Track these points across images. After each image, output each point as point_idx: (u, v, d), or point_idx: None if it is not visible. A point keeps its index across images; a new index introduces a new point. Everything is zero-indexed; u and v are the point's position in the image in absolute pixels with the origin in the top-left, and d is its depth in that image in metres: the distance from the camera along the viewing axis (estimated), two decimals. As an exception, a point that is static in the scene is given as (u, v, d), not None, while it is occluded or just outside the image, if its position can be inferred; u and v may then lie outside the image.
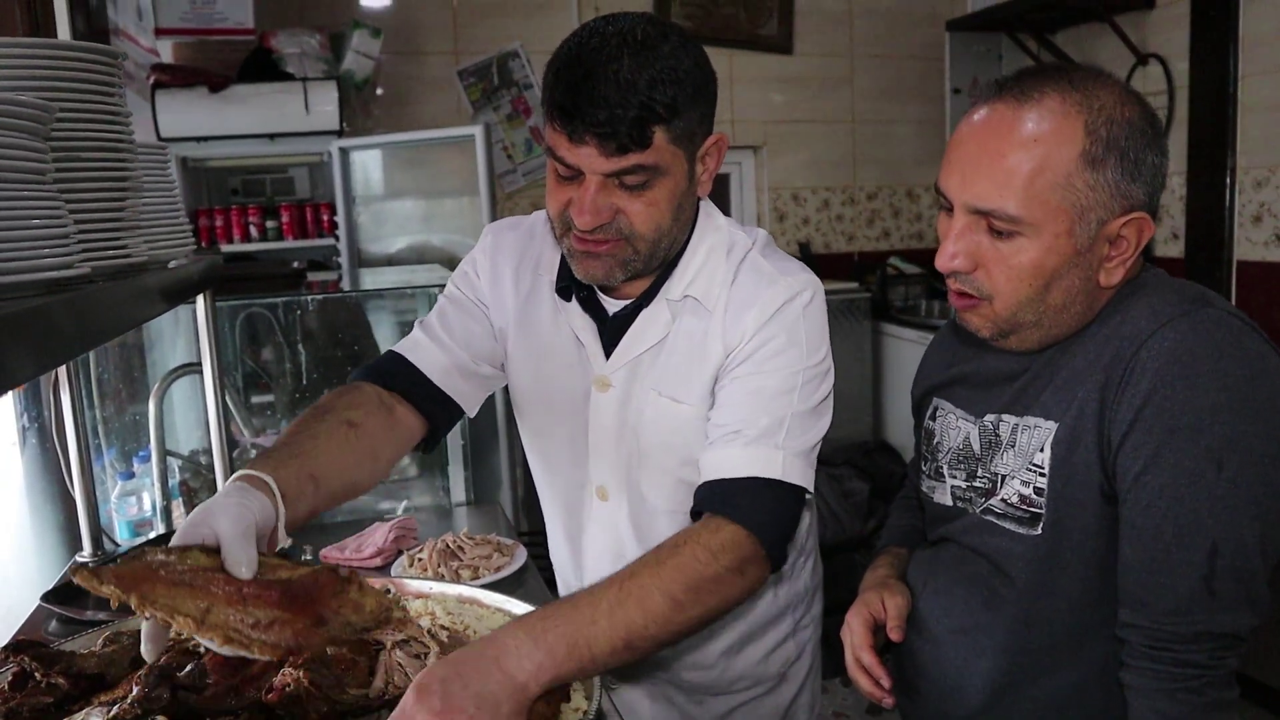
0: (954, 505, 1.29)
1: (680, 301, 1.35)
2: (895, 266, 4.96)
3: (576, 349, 1.41)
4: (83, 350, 1.15)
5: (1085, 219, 1.10)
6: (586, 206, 1.20)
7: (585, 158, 1.18)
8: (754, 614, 1.51)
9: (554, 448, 1.48)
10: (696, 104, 1.21)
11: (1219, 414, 1.03)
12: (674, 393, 1.35)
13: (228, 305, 2.43)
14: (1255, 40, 3.58)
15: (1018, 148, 1.09)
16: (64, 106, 1.05)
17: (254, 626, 0.95)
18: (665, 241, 1.28)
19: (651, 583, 1.12)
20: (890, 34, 5.07)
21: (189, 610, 0.93)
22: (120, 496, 2.13)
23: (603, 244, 1.25)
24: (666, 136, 1.18)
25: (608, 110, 1.14)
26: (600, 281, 1.31)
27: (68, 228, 0.94)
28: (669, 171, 1.22)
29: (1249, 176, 3.67)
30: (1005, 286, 1.14)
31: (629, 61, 1.14)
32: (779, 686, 1.58)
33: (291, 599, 0.98)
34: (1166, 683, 1.07)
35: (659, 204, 1.23)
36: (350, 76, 4.11)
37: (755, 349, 1.30)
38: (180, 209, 1.55)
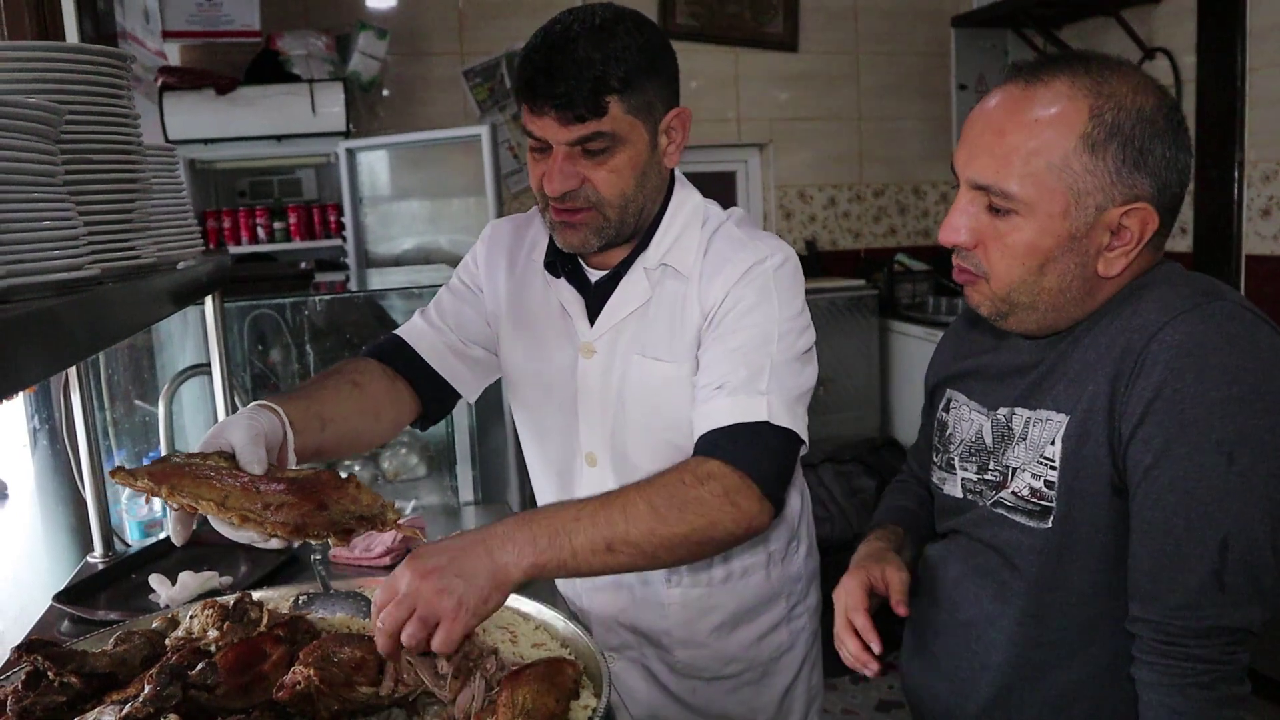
0: (964, 498, 1.29)
1: (657, 269, 1.44)
2: (902, 263, 4.96)
3: (564, 321, 1.50)
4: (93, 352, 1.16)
5: (1082, 203, 1.10)
6: (554, 174, 1.33)
7: (548, 128, 1.31)
8: (747, 592, 1.55)
9: (546, 419, 1.55)
10: (651, 78, 1.33)
11: (1230, 407, 1.03)
12: (656, 353, 1.43)
13: (236, 306, 2.44)
14: (1263, 33, 3.57)
15: (1020, 127, 1.11)
16: (73, 109, 1.06)
17: (265, 508, 1.07)
18: (633, 208, 1.39)
19: (635, 494, 1.21)
20: (896, 31, 5.06)
21: (210, 496, 1.06)
22: (130, 497, 2.14)
23: (576, 213, 1.37)
24: (622, 107, 1.31)
25: (564, 84, 1.27)
26: (578, 249, 1.42)
27: (77, 229, 0.95)
28: (628, 140, 1.33)
29: (1257, 170, 3.65)
30: (1000, 265, 1.16)
31: (585, 42, 1.28)
32: (771, 676, 1.60)
33: (298, 488, 1.11)
34: (1177, 678, 1.06)
35: (621, 171, 1.35)
36: (357, 77, 4.12)
37: (729, 309, 1.37)
38: (189, 210, 1.55)
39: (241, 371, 2.54)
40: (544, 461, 1.59)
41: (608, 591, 1.56)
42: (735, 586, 1.54)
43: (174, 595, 1.59)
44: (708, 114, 4.86)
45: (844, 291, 4.55)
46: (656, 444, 1.45)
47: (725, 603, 1.54)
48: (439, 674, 1.09)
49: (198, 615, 1.23)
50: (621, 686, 1.59)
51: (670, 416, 1.43)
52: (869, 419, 4.59)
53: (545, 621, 1.28)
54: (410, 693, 1.10)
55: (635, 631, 1.57)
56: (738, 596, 1.55)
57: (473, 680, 1.09)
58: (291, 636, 1.18)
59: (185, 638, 1.19)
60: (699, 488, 1.22)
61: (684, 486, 1.22)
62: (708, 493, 1.22)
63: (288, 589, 1.40)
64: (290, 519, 1.07)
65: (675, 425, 1.41)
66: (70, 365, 1.69)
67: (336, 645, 1.12)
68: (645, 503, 1.19)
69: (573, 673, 1.12)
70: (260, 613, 1.23)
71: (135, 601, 1.65)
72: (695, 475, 1.23)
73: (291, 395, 1.34)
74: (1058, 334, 1.20)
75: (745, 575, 1.54)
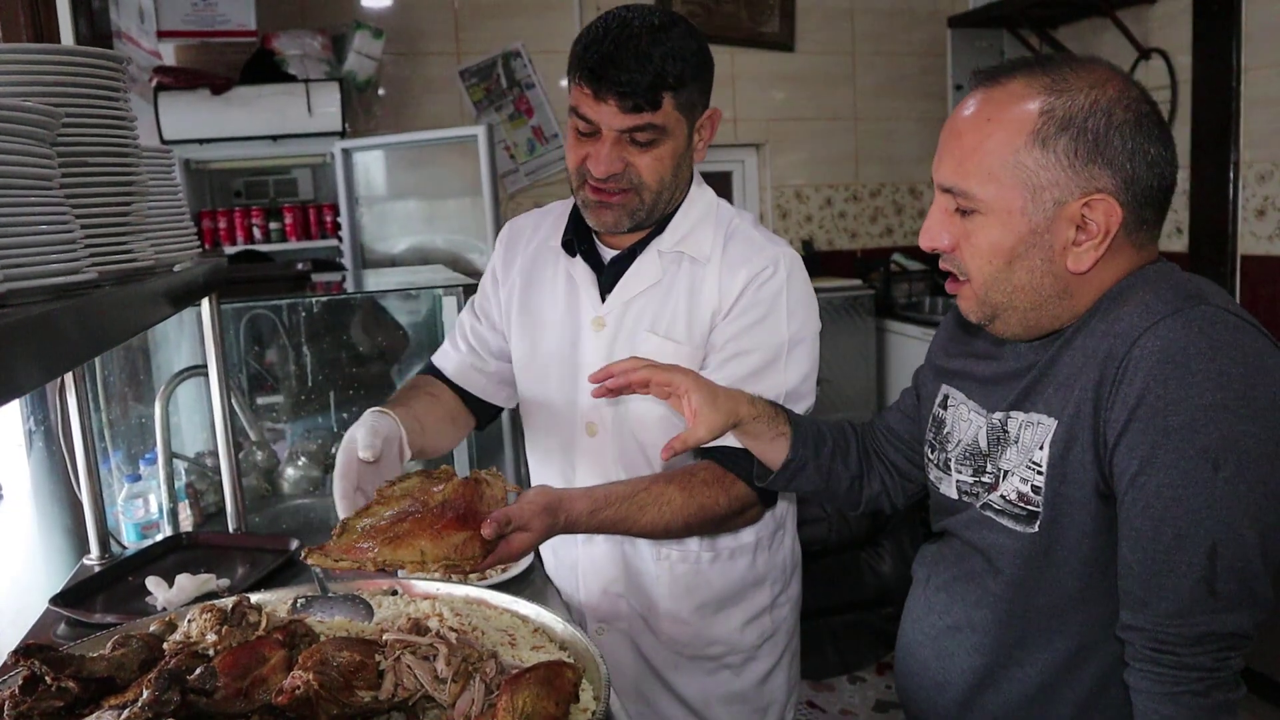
0: (959, 499, 1.29)
1: (672, 254, 1.55)
2: (898, 264, 4.96)
3: (572, 297, 1.60)
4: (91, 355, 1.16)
5: (1039, 198, 1.12)
6: (603, 158, 1.43)
7: (606, 114, 1.41)
8: (733, 573, 1.62)
9: (549, 390, 1.64)
10: (698, 79, 1.46)
11: (1214, 413, 1.02)
12: (672, 334, 1.53)
13: (233, 307, 2.44)
14: (1257, 34, 3.58)
15: (975, 129, 1.14)
16: (70, 112, 1.06)
17: (455, 551, 1.19)
18: (666, 194, 1.50)
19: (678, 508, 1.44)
20: (892, 31, 5.07)
21: (410, 559, 1.18)
22: (127, 499, 2.13)
23: (615, 194, 1.47)
24: (673, 103, 1.42)
25: (629, 75, 1.37)
26: (610, 228, 1.52)
27: (74, 233, 0.95)
28: (673, 133, 1.45)
29: (1252, 170, 3.66)
30: (973, 265, 1.18)
31: (647, 39, 1.38)
32: (753, 662, 1.66)
33: (463, 517, 1.22)
34: (1170, 685, 1.06)
35: (664, 160, 1.46)
36: (352, 77, 4.12)
37: (744, 310, 1.51)
38: (185, 212, 1.55)
39: (238, 373, 2.54)
40: (546, 434, 1.68)
41: (598, 565, 1.63)
42: (722, 568, 1.61)
43: (171, 598, 1.58)
44: (704, 114, 4.85)
45: (840, 291, 4.55)
46: (656, 418, 1.55)
47: (712, 581, 1.61)
48: (438, 678, 1.09)
49: (196, 618, 1.22)
50: (609, 659, 1.62)
51: None
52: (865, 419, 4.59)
53: (544, 624, 1.28)
54: (410, 697, 1.10)
55: (625, 601, 1.63)
56: (725, 578, 1.61)
57: (472, 684, 1.09)
58: (290, 640, 1.18)
59: (183, 641, 1.19)
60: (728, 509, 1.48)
61: (718, 508, 1.47)
62: (733, 511, 1.49)
63: (286, 592, 1.40)
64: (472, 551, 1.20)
65: None
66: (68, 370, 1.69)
67: (335, 649, 1.11)
68: (682, 520, 1.44)
69: (572, 676, 1.12)
70: (259, 616, 1.22)
71: (132, 604, 1.65)
72: (729, 497, 1.48)
73: (392, 403, 1.54)
74: (1051, 336, 1.20)
75: (733, 558, 1.62)
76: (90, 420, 1.85)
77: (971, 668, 1.26)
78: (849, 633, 3.64)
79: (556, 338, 1.61)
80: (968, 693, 1.27)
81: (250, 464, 2.43)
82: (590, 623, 1.66)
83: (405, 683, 1.10)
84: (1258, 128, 3.63)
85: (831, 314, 4.52)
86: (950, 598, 1.30)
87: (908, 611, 1.40)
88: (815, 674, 3.55)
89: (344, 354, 2.62)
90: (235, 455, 2.06)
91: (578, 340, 1.58)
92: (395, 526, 1.20)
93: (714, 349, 1.52)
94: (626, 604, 1.63)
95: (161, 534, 2.08)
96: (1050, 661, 1.20)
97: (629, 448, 1.58)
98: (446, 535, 1.19)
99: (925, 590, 1.35)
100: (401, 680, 1.10)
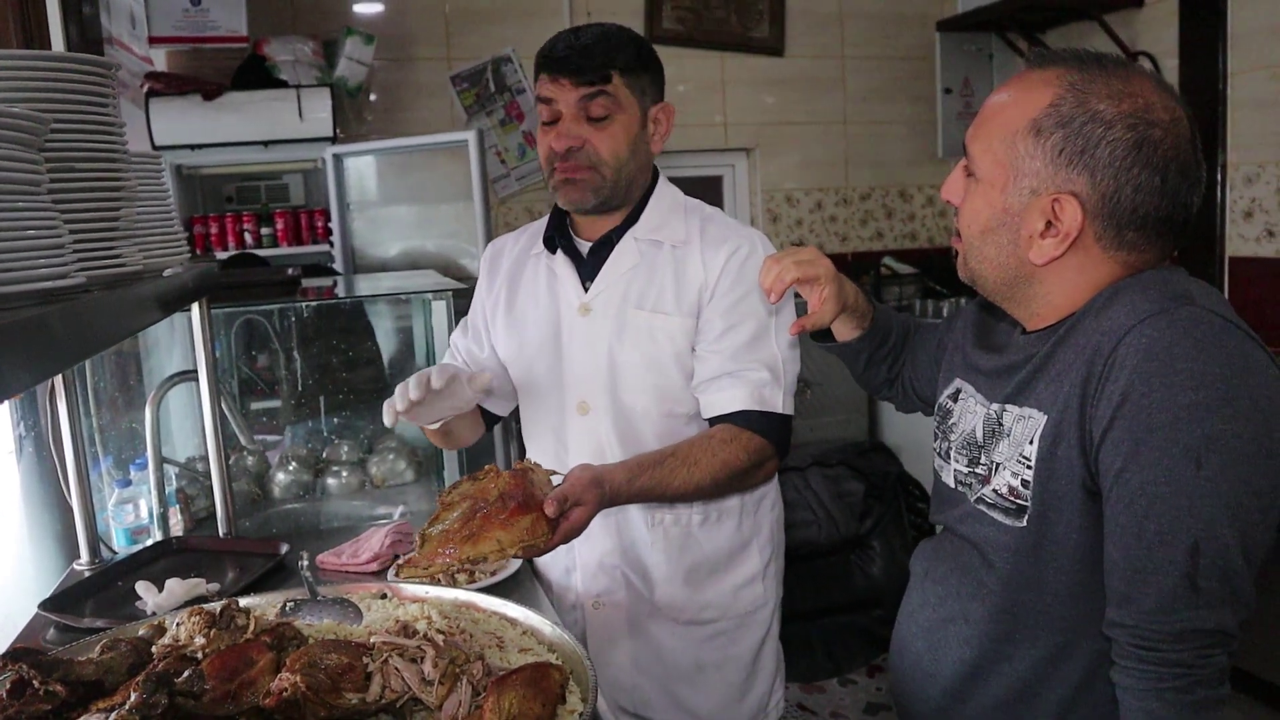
0: (955, 488, 1.31)
1: (648, 242, 1.69)
2: (889, 267, 4.98)
3: (554, 287, 1.73)
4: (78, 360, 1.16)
5: (1019, 182, 1.17)
6: (562, 131, 1.61)
7: (562, 92, 1.60)
8: (721, 536, 1.72)
9: (538, 378, 1.75)
10: (645, 70, 1.65)
11: (1197, 412, 1.04)
12: (658, 306, 1.66)
13: (223, 312, 2.44)
14: (1244, 37, 3.60)
15: (998, 100, 1.21)
16: (58, 118, 1.06)
17: (527, 533, 1.30)
18: (625, 174, 1.65)
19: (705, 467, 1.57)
20: (881, 35, 5.09)
21: (491, 550, 1.29)
22: (117, 504, 2.13)
23: (577, 171, 1.62)
24: (623, 81, 1.61)
25: (578, 53, 1.58)
26: (577, 205, 1.67)
27: (63, 238, 0.95)
28: (626, 111, 1.62)
29: (1239, 172, 3.68)
30: (963, 225, 1.26)
31: (596, 33, 1.61)
32: (746, 629, 1.75)
33: (524, 504, 1.32)
34: (1154, 682, 1.07)
35: (618, 136, 1.62)
36: (344, 83, 4.12)
37: (728, 288, 1.64)
38: (174, 217, 1.55)
39: (229, 378, 2.54)
40: (539, 419, 1.78)
41: (594, 537, 1.67)
42: (711, 530, 1.71)
43: (161, 602, 1.59)
44: (695, 118, 4.87)
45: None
46: (648, 387, 1.67)
47: (703, 544, 1.71)
48: (425, 680, 1.09)
49: (184, 622, 1.23)
50: (604, 637, 1.72)
51: (662, 362, 1.66)
52: (856, 422, 4.61)
53: (532, 627, 1.28)
54: (397, 699, 1.10)
55: (620, 570, 1.71)
56: (714, 540, 1.72)
57: (459, 686, 1.09)
58: (279, 643, 1.18)
59: (172, 645, 1.19)
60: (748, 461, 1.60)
61: (738, 463, 1.59)
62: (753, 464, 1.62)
63: (275, 595, 1.40)
64: (541, 529, 1.32)
65: (663, 371, 1.66)
66: (56, 374, 1.69)
67: (323, 651, 1.12)
68: (711, 478, 1.57)
69: (559, 677, 1.12)
70: (247, 619, 1.23)
71: (122, 609, 1.65)
72: (748, 451, 1.60)
73: None
74: (1047, 331, 1.21)
75: (720, 520, 1.72)
76: (80, 425, 1.85)
77: (962, 660, 1.27)
78: (839, 635, 3.65)
79: (539, 326, 1.73)
80: (957, 685, 1.28)
81: (241, 469, 2.43)
82: (586, 598, 1.73)
83: (393, 685, 1.10)
84: (1244, 130, 3.65)
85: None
86: (945, 591, 1.31)
87: (904, 606, 1.41)
88: (805, 676, 3.55)
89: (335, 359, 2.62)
90: (226, 460, 2.06)
91: (559, 326, 1.71)
92: (467, 525, 1.30)
93: (709, 325, 1.64)
94: (622, 573, 1.71)
95: (152, 539, 2.08)
96: (1037, 656, 1.21)
97: (623, 422, 1.68)
98: (516, 522, 1.30)
99: (922, 584, 1.37)
100: (389, 682, 1.11)
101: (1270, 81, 3.54)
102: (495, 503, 1.31)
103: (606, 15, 4.66)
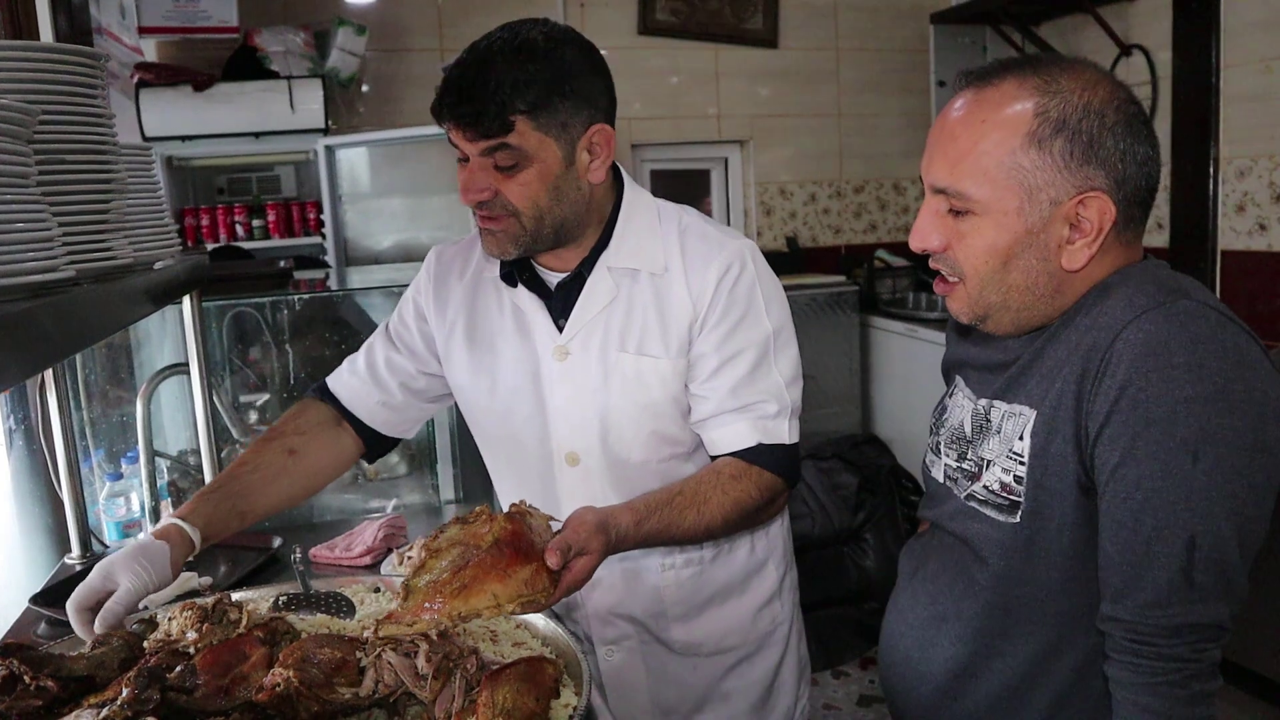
0: (944, 483, 1.31)
1: (623, 270, 1.49)
2: (882, 259, 4.98)
3: (524, 328, 1.53)
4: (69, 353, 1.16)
5: (1035, 198, 1.13)
6: (466, 183, 1.40)
7: (460, 140, 1.39)
8: (734, 563, 1.61)
9: (517, 427, 1.56)
10: (564, 99, 1.37)
11: (1194, 406, 1.04)
12: (644, 348, 1.48)
13: (215, 305, 2.43)
14: (1236, 30, 3.60)
15: (969, 129, 1.15)
16: (47, 109, 1.05)
17: (526, 586, 1.14)
18: (550, 220, 1.43)
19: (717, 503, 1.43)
20: (875, 27, 5.08)
21: (485, 605, 1.12)
22: (108, 498, 2.13)
23: (493, 220, 1.42)
24: (530, 124, 1.35)
25: (469, 104, 1.34)
26: (496, 255, 1.48)
27: (52, 231, 0.94)
28: (539, 157, 1.38)
29: (1232, 166, 3.69)
30: (969, 265, 1.18)
31: (500, 62, 1.34)
32: (766, 649, 1.65)
33: (522, 552, 1.16)
34: (1149, 676, 1.07)
35: (530, 184, 1.39)
36: (336, 74, 4.10)
37: (722, 315, 1.47)
38: (165, 210, 1.55)
39: (221, 370, 2.53)
40: (520, 466, 1.60)
41: (604, 585, 1.58)
42: (724, 561, 1.60)
43: (152, 597, 1.58)
44: (688, 110, 4.86)
45: (824, 288, 4.57)
46: (644, 436, 1.51)
47: (716, 576, 1.60)
48: (419, 674, 1.09)
49: (176, 617, 1.22)
50: (620, 681, 1.62)
51: (659, 409, 1.49)
52: (850, 415, 4.61)
53: (526, 620, 1.28)
54: (390, 693, 1.10)
55: (632, 620, 1.59)
56: (727, 569, 1.60)
57: (453, 680, 1.09)
58: (271, 637, 1.18)
59: (164, 639, 1.19)
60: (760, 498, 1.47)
61: (750, 501, 1.46)
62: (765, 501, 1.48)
63: (268, 590, 1.40)
64: (540, 583, 1.16)
65: (661, 416, 1.49)
66: (47, 368, 1.68)
67: (316, 646, 1.11)
68: (723, 518, 1.42)
69: (553, 671, 1.12)
70: (239, 613, 1.22)
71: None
72: (759, 487, 1.47)
73: (212, 491, 1.46)
74: (1038, 329, 1.21)
75: (732, 550, 1.60)
76: (71, 419, 1.84)
77: (954, 657, 1.27)
78: (832, 627, 3.66)
79: (514, 373, 1.54)
80: (949, 682, 1.28)
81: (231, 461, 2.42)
82: (598, 646, 1.61)
83: (386, 679, 1.10)
84: (1237, 123, 3.65)
85: (815, 310, 4.53)
86: (936, 589, 1.31)
87: (892, 604, 1.41)
88: (800, 669, 3.56)
89: (327, 351, 2.61)
90: (217, 453, 2.05)
91: (538, 372, 1.52)
92: (458, 576, 1.14)
93: (702, 359, 1.48)
94: (635, 620, 1.60)
95: (143, 532, 2.07)
96: (1030, 652, 1.21)
97: (617, 473, 1.53)
98: (513, 573, 1.15)
99: (911, 583, 1.37)
100: (382, 677, 1.10)
101: (1262, 75, 3.54)
102: (489, 550, 1.15)
103: (600, 6, 4.66)
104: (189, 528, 1.36)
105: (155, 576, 1.28)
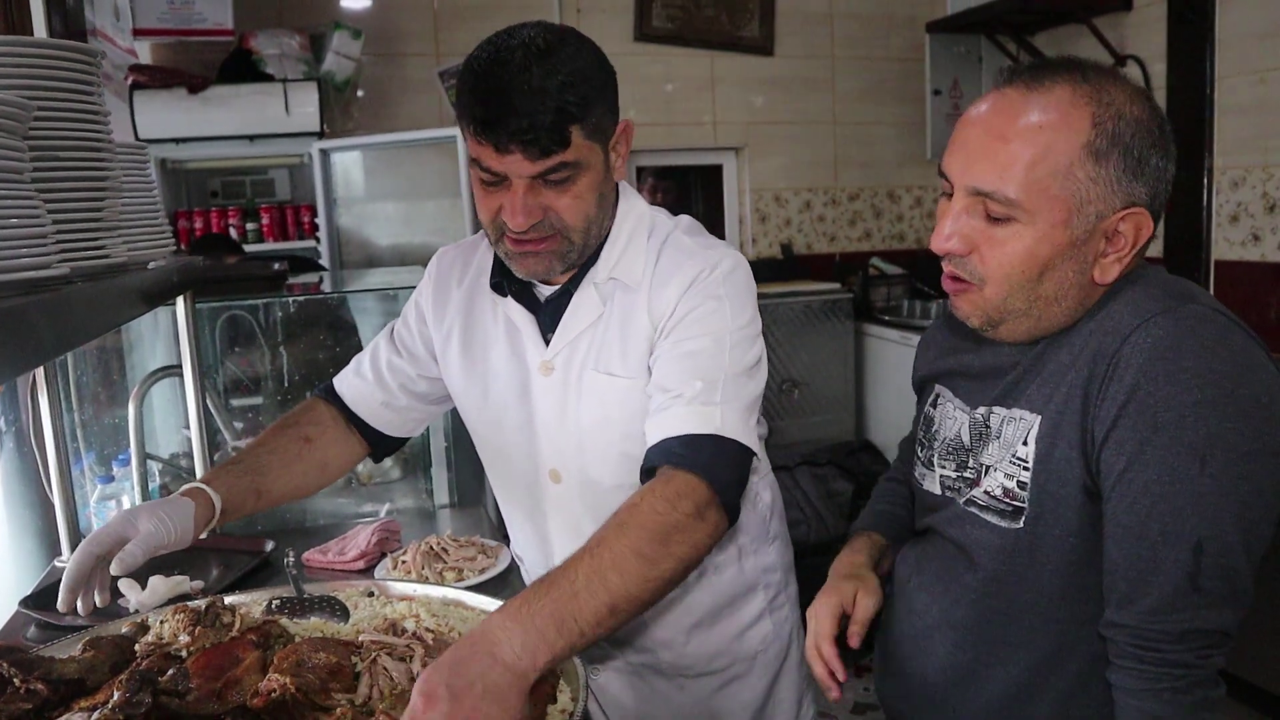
0: (942, 494, 1.30)
1: (607, 284, 1.42)
2: (877, 267, 4.98)
3: (515, 341, 1.48)
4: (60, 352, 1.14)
5: (1083, 211, 1.10)
6: (519, 209, 1.27)
7: (513, 164, 1.24)
8: (720, 586, 1.55)
9: (505, 439, 1.53)
10: (603, 98, 1.29)
11: (1202, 410, 1.03)
12: (610, 367, 1.40)
13: (208, 307, 2.41)
14: (1231, 42, 3.62)
15: (1022, 133, 1.10)
16: (42, 105, 1.04)
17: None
18: (595, 229, 1.36)
19: (620, 545, 1.13)
20: (871, 36, 5.09)
21: None
22: (99, 500, 2.11)
23: (540, 242, 1.32)
24: (582, 133, 1.26)
25: (528, 118, 1.21)
26: (541, 277, 1.40)
27: (46, 228, 0.93)
28: (589, 165, 1.29)
29: (1226, 177, 3.70)
30: (997, 272, 1.14)
31: (537, 69, 1.22)
32: (758, 668, 1.60)
33: None
34: (1153, 683, 1.06)
35: (584, 196, 1.31)
36: (331, 78, 4.09)
37: (681, 316, 1.35)
38: (159, 210, 1.54)
39: (213, 373, 2.51)
40: (510, 483, 1.58)
41: None
42: (709, 582, 1.55)
43: (144, 600, 1.56)
44: (684, 117, 4.86)
45: (819, 295, 4.56)
46: (614, 457, 1.43)
47: (701, 600, 1.55)
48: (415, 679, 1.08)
49: (168, 620, 1.21)
50: (608, 697, 1.60)
51: (625, 428, 1.40)
52: (844, 422, 4.61)
53: (522, 625, 1.27)
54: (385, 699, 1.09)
55: (615, 644, 1.57)
56: (713, 593, 1.55)
57: (449, 685, 1.08)
58: (265, 641, 1.17)
59: (156, 643, 1.18)
60: (674, 511, 1.17)
61: (660, 516, 1.16)
62: (682, 515, 1.17)
63: (261, 593, 1.39)
64: None
65: (630, 437, 1.38)
66: (37, 366, 1.67)
67: (311, 650, 1.10)
68: (632, 552, 1.12)
69: (550, 677, 1.11)
70: (232, 617, 1.21)
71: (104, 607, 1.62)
72: (667, 499, 1.18)
73: (232, 465, 1.46)
74: None
75: (718, 571, 1.55)
76: (62, 420, 1.83)
77: (952, 665, 1.26)
78: (827, 635, 3.64)
79: (505, 385, 1.49)
80: (948, 691, 1.27)
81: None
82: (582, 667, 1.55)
83: (381, 685, 1.09)
84: (1231, 134, 3.67)
85: (810, 317, 4.52)
86: (930, 597, 1.30)
87: (887, 612, 1.40)
88: (793, 677, 3.54)
89: (321, 355, 2.59)
90: (210, 456, 2.04)
91: (528, 385, 1.47)
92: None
93: (656, 361, 1.36)
94: (619, 642, 1.56)
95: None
96: (1032, 659, 1.20)
97: (591, 491, 1.46)
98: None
99: (905, 590, 1.35)
100: (377, 682, 1.09)
101: (1257, 86, 3.55)
102: None
103: (596, 12, 4.66)
104: (213, 492, 1.36)
105: (177, 530, 1.28)
